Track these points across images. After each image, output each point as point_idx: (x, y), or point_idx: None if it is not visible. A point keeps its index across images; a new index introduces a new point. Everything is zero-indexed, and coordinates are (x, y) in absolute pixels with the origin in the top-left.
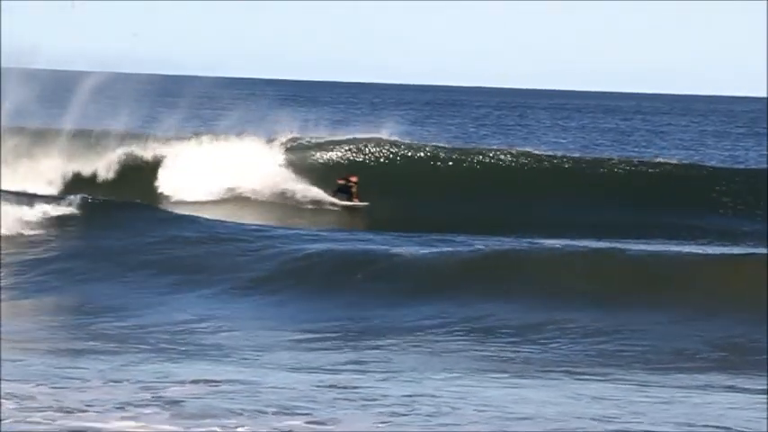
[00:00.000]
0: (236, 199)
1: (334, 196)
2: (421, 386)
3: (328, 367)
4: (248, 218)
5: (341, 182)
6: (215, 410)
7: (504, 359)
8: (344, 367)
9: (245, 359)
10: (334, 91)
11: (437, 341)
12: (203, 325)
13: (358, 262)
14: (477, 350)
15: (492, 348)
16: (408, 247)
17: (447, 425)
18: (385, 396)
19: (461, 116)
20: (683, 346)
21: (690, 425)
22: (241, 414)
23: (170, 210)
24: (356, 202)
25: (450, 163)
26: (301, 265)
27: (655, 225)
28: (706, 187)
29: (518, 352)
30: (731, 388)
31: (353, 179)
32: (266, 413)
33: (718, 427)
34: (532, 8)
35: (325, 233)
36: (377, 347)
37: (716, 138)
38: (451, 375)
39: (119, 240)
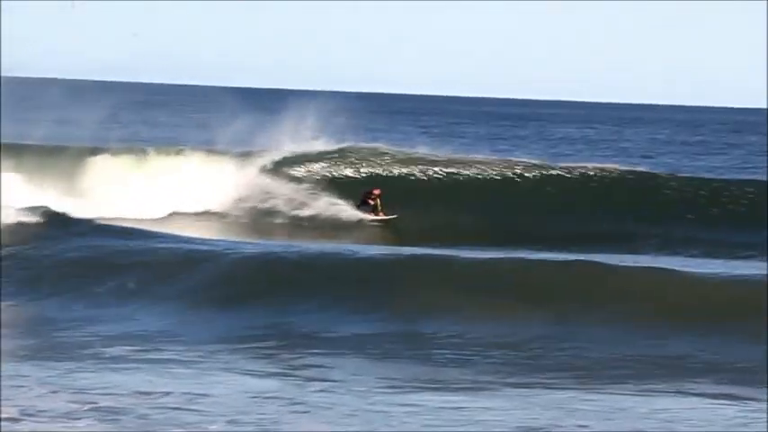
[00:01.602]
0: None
1: (358, 209)
2: (363, 398)
3: (270, 378)
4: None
5: (370, 199)
6: (153, 423)
7: (445, 369)
8: (285, 378)
9: (186, 370)
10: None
11: (374, 351)
12: (144, 336)
13: (292, 269)
14: (417, 359)
15: (434, 358)
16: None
17: None
18: (329, 408)
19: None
20: (629, 354)
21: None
22: (181, 427)
23: (118, 225)
24: (381, 216)
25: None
26: (241, 275)
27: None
28: (649, 193)
29: (460, 361)
30: (679, 392)
31: (376, 192)
32: (207, 426)
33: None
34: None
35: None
36: (316, 356)
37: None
38: (393, 387)
39: (56, 253)
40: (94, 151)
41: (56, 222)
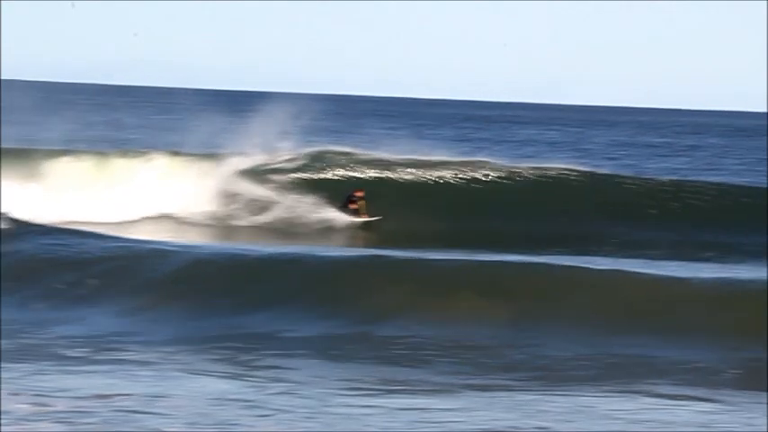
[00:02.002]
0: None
1: (341, 210)
2: (323, 400)
3: (229, 379)
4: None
5: (353, 201)
6: (112, 426)
7: (406, 370)
8: (245, 380)
9: (145, 372)
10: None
11: (334, 352)
12: (103, 338)
13: (252, 269)
14: (377, 361)
15: (395, 359)
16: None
17: None
18: (289, 410)
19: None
20: (588, 355)
21: None
22: (141, 429)
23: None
24: (365, 218)
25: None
26: (201, 276)
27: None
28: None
29: (420, 363)
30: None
31: (359, 194)
32: (166, 429)
33: None
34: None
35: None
36: (276, 357)
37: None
38: (354, 388)
39: (14, 254)
40: (56, 154)
41: (15, 224)
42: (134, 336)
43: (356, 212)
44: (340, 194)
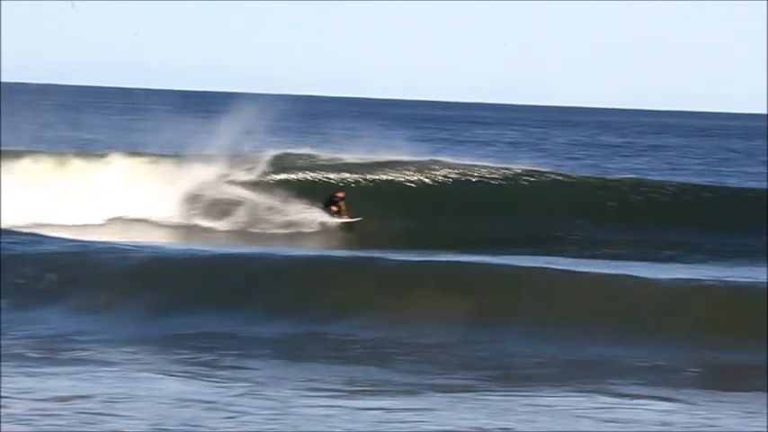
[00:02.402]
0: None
1: (322, 212)
2: (286, 401)
3: (191, 380)
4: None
5: (334, 202)
6: (73, 428)
7: (367, 370)
8: (207, 380)
9: (106, 374)
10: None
11: (296, 352)
12: (63, 339)
13: (211, 268)
14: (338, 361)
15: (356, 359)
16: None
17: None
18: (252, 411)
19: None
20: (551, 355)
21: None
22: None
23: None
24: (346, 218)
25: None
26: (162, 276)
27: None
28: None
29: (381, 363)
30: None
31: (340, 194)
32: (129, 429)
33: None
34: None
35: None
36: (238, 357)
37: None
38: (316, 389)
39: None
40: (20, 154)
41: None
42: (94, 335)
43: (337, 213)
44: (302, 195)
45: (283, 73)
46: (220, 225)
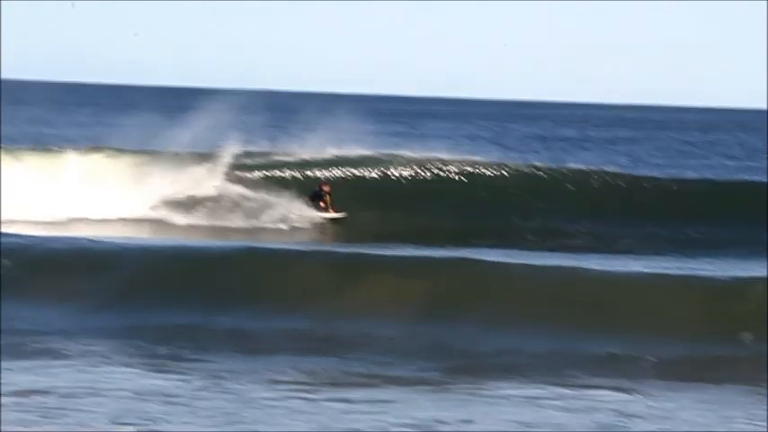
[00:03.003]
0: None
1: (307, 206)
2: (245, 395)
3: (152, 374)
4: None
5: (320, 196)
6: (33, 423)
7: (328, 364)
8: (167, 375)
9: (66, 368)
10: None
11: (255, 346)
12: (21, 332)
13: (169, 263)
14: (297, 354)
15: (316, 353)
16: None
17: None
18: (212, 406)
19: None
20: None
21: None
22: (63, 426)
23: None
24: (331, 213)
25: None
26: (122, 270)
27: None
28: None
29: (341, 357)
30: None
31: (326, 188)
32: (89, 424)
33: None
34: None
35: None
36: (197, 351)
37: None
38: (276, 381)
39: None
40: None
41: None
42: (52, 327)
43: (324, 208)
44: (282, 189)
45: (242, 69)
46: (203, 220)
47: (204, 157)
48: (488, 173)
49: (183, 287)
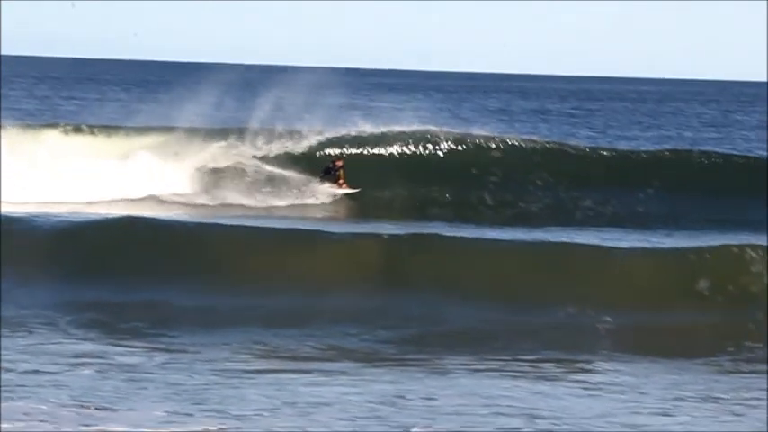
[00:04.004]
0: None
1: (321, 182)
2: (206, 373)
3: (110, 349)
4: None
5: (332, 171)
6: None
7: (291, 340)
8: (126, 348)
9: (24, 344)
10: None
11: (216, 321)
12: None
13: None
14: (260, 331)
15: (276, 330)
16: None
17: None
18: (177, 384)
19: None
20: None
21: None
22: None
23: None
24: (344, 189)
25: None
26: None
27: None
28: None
29: (303, 335)
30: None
31: (339, 163)
32: (49, 399)
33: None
34: None
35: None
36: (155, 325)
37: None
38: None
39: None
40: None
41: None
42: (13, 304)
43: (337, 183)
44: (298, 167)
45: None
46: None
47: (223, 133)
48: (452, 146)
49: (139, 262)
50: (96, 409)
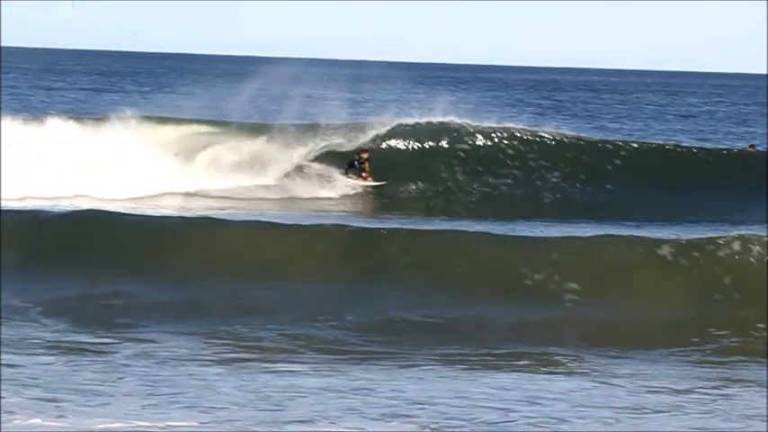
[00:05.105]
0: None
1: (346, 174)
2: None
3: (83, 340)
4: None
5: (359, 164)
6: None
7: (260, 335)
8: (98, 342)
9: None
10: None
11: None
12: None
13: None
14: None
15: (245, 321)
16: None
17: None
18: (149, 376)
19: None
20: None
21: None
22: None
23: None
24: (369, 181)
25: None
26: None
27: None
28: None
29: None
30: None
31: (364, 155)
32: (21, 392)
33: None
34: None
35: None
36: (126, 316)
37: None
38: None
39: None
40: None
41: None
42: None
43: (362, 176)
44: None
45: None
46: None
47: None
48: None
49: (107, 254)
50: (71, 402)
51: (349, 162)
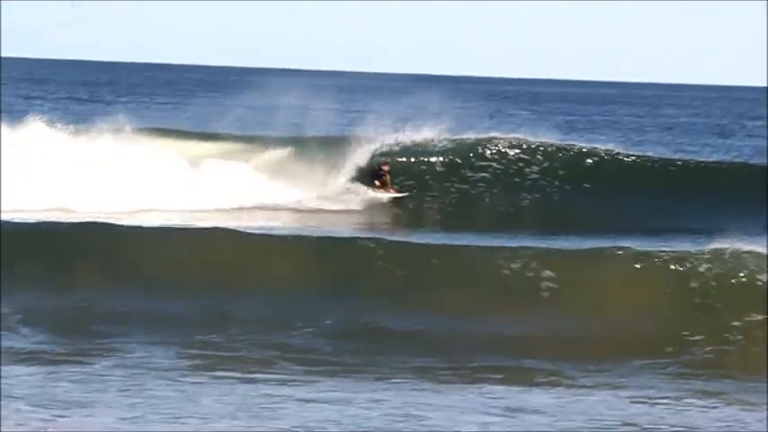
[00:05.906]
0: None
1: (367, 186)
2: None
3: (60, 351)
4: None
5: (380, 175)
6: None
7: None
8: (77, 354)
9: None
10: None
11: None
12: None
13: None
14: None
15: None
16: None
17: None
18: (128, 388)
19: None
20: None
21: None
22: None
23: None
24: (391, 193)
25: None
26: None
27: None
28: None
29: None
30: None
31: (385, 167)
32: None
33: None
34: None
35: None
36: (103, 327)
37: None
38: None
39: None
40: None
41: None
42: None
43: (383, 188)
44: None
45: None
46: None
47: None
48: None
49: (84, 265)
50: (51, 414)
51: (370, 174)
